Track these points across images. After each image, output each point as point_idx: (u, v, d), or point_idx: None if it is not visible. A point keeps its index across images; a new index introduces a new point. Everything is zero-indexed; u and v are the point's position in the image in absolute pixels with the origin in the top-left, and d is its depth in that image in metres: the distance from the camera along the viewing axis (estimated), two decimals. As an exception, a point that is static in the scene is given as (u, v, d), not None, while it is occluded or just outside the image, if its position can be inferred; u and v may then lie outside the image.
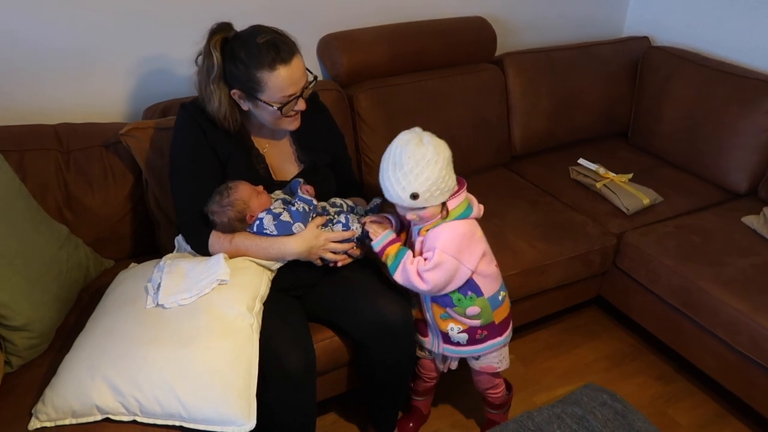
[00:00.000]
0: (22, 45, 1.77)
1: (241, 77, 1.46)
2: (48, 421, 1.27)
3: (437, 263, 1.43)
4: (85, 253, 1.71)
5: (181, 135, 1.57)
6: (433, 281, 1.44)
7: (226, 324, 1.33)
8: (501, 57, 2.46)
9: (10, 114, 1.81)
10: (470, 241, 1.47)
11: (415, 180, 1.35)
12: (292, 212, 1.52)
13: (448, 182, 1.40)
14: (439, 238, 1.44)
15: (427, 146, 1.35)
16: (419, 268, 1.45)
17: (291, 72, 1.46)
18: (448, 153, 1.39)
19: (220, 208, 1.49)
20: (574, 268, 2.04)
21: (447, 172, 1.38)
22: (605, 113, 2.65)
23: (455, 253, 1.44)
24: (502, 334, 1.61)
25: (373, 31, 2.23)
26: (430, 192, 1.37)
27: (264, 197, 1.54)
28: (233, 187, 1.49)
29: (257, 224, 1.51)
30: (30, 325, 1.39)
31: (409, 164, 1.34)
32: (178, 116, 1.59)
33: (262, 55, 1.42)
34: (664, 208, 2.22)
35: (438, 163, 1.35)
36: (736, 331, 1.76)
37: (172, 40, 1.97)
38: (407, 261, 1.47)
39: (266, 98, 1.48)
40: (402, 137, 1.39)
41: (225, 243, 1.51)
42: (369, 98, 2.15)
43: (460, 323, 1.56)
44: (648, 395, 2.04)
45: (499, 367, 1.67)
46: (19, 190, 1.55)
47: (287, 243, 1.51)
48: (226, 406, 1.25)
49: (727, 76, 2.35)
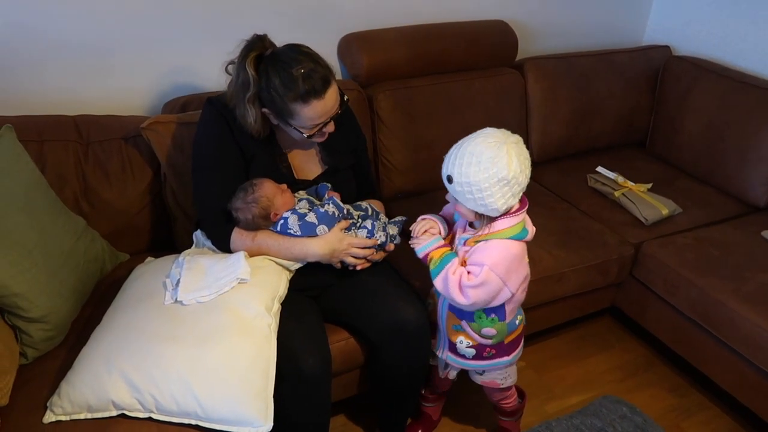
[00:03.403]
0: (43, 38, 1.77)
1: (274, 103, 1.44)
2: (63, 415, 1.26)
3: (484, 281, 1.36)
4: (102, 245, 1.70)
5: (207, 130, 1.56)
6: (474, 298, 1.38)
7: (245, 323, 1.32)
8: (522, 62, 2.44)
9: (30, 106, 1.80)
10: (519, 264, 1.43)
11: (459, 166, 1.30)
12: (319, 214, 1.50)
13: (493, 200, 1.31)
14: (491, 255, 1.37)
15: (494, 154, 1.27)
16: (463, 282, 1.38)
17: (324, 105, 1.44)
18: (510, 174, 1.28)
19: (244, 205, 1.47)
20: (591, 277, 2.02)
21: (496, 190, 1.29)
22: (624, 121, 2.63)
23: (503, 273, 1.38)
24: (510, 354, 1.57)
25: (394, 31, 2.21)
26: (464, 189, 1.31)
27: (288, 196, 1.53)
28: (258, 184, 1.48)
29: (281, 223, 1.50)
30: (47, 317, 1.38)
31: (468, 150, 1.29)
32: (204, 110, 1.58)
33: (297, 89, 1.39)
34: (683, 219, 2.20)
35: (488, 171, 1.27)
36: (756, 347, 1.74)
37: (193, 36, 1.96)
38: (450, 270, 1.40)
39: (296, 124, 1.47)
40: (489, 130, 1.33)
41: (247, 240, 1.50)
42: (389, 99, 2.14)
43: (471, 339, 1.52)
44: (661, 407, 2.02)
45: (503, 384, 1.64)
46: (39, 180, 1.55)
47: (310, 244, 1.50)
48: (243, 407, 1.23)
49: (749, 88, 2.33)
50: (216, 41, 2.00)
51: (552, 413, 1.98)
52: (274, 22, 2.06)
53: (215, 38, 2.00)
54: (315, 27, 2.15)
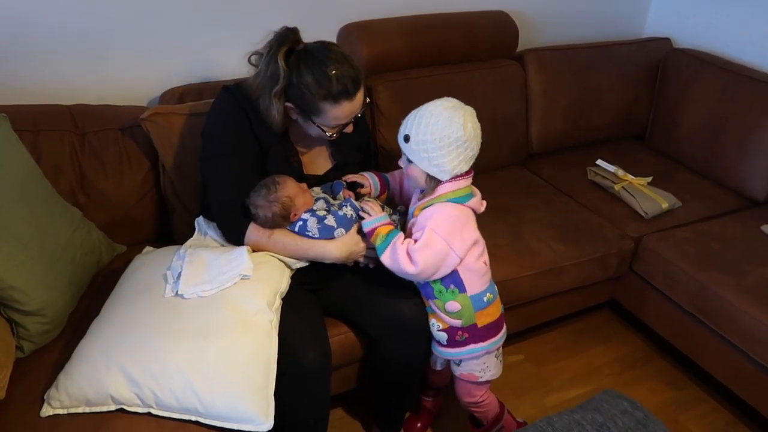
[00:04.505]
0: (38, 26, 1.74)
1: (302, 99, 1.42)
2: (61, 408, 1.24)
3: (427, 242, 1.39)
4: (98, 237, 1.68)
5: (224, 118, 1.51)
6: (422, 262, 1.39)
7: (246, 319, 1.31)
8: (522, 53, 2.42)
9: (25, 95, 1.78)
10: (463, 226, 1.44)
11: (418, 126, 1.36)
12: (338, 217, 1.49)
13: (446, 161, 1.37)
14: (431, 217, 1.41)
15: (451, 115, 1.34)
16: (410, 248, 1.40)
17: (352, 106, 1.43)
18: (465, 136, 1.36)
19: (266, 203, 1.45)
20: (591, 270, 2.01)
21: (450, 150, 1.36)
22: (623, 114, 2.62)
23: (446, 234, 1.40)
24: (486, 340, 1.52)
25: (394, 21, 2.19)
26: (419, 148, 1.37)
27: (308, 196, 1.52)
28: (281, 183, 1.46)
29: (300, 225, 1.48)
30: (43, 310, 1.36)
31: (427, 110, 1.37)
32: (219, 98, 1.54)
33: (331, 88, 1.38)
34: (682, 212, 2.20)
35: (444, 131, 1.34)
36: (755, 341, 1.74)
37: (190, 25, 1.93)
38: (398, 242, 1.43)
39: (319, 122, 1.46)
40: (449, 99, 1.40)
41: (263, 238, 1.48)
42: (388, 90, 2.12)
43: (441, 320, 1.51)
44: (659, 401, 2.02)
45: (481, 377, 1.58)
46: (34, 171, 1.52)
47: (328, 247, 1.49)
48: (243, 404, 1.22)
49: (750, 81, 2.32)
50: (213, 30, 1.98)
51: (550, 406, 1.98)
52: (273, 10, 2.03)
53: (213, 27, 1.97)
54: (314, 16, 2.12)
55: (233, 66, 1.97)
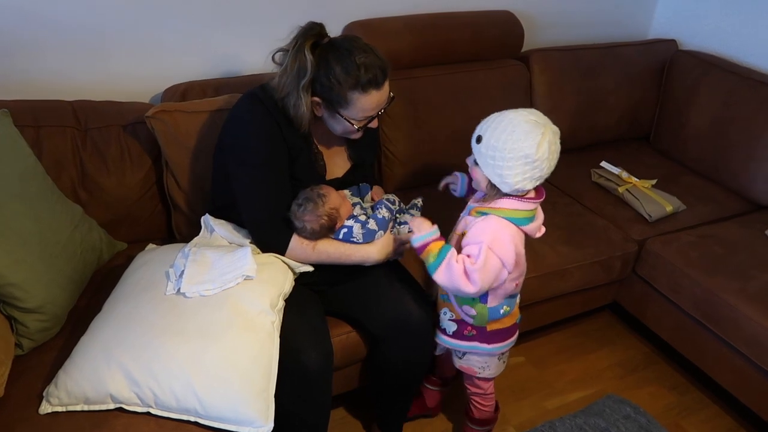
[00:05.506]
0: (40, 20, 1.72)
1: (331, 90, 1.40)
2: (59, 406, 1.23)
3: (485, 261, 1.33)
4: (99, 234, 1.67)
5: (256, 128, 1.47)
6: (480, 282, 1.34)
7: (248, 320, 1.29)
8: (527, 53, 2.41)
9: (27, 90, 1.76)
10: (516, 247, 1.39)
11: (493, 130, 1.31)
12: (378, 220, 1.50)
13: (511, 173, 1.31)
14: (485, 231, 1.36)
15: (530, 129, 1.28)
16: (468, 268, 1.34)
17: (380, 96, 1.43)
18: (536, 155, 1.28)
19: (314, 217, 1.44)
20: (595, 273, 2.00)
21: (517, 165, 1.29)
22: (628, 116, 2.61)
23: (502, 253, 1.36)
24: (491, 343, 1.52)
25: (398, 20, 2.17)
26: (488, 153, 1.32)
27: (348, 203, 1.53)
28: (326, 196, 1.46)
29: (344, 232, 1.49)
30: (43, 307, 1.36)
31: (508, 117, 1.31)
32: (245, 105, 1.50)
33: (360, 77, 1.37)
34: (687, 216, 2.18)
35: (518, 143, 1.28)
36: (759, 347, 1.72)
37: (193, 21, 1.92)
38: (453, 258, 1.35)
39: (347, 115, 1.44)
40: (536, 111, 1.34)
41: (308, 249, 1.48)
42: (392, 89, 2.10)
43: (455, 312, 1.51)
44: (661, 405, 2.01)
45: (480, 373, 1.59)
46: (35, 167, 1.52)
47: (369, 250, 1.50)
48: (243, 406, 1.21)
49: (756, 84, 2.30)
50: (217, 27, 1.97)
51: (552, 409, 1.97)
52: (278, 7, 2.02)
53: (216, 23, 1.96)
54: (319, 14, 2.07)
55: (236, 63, 1.97)
